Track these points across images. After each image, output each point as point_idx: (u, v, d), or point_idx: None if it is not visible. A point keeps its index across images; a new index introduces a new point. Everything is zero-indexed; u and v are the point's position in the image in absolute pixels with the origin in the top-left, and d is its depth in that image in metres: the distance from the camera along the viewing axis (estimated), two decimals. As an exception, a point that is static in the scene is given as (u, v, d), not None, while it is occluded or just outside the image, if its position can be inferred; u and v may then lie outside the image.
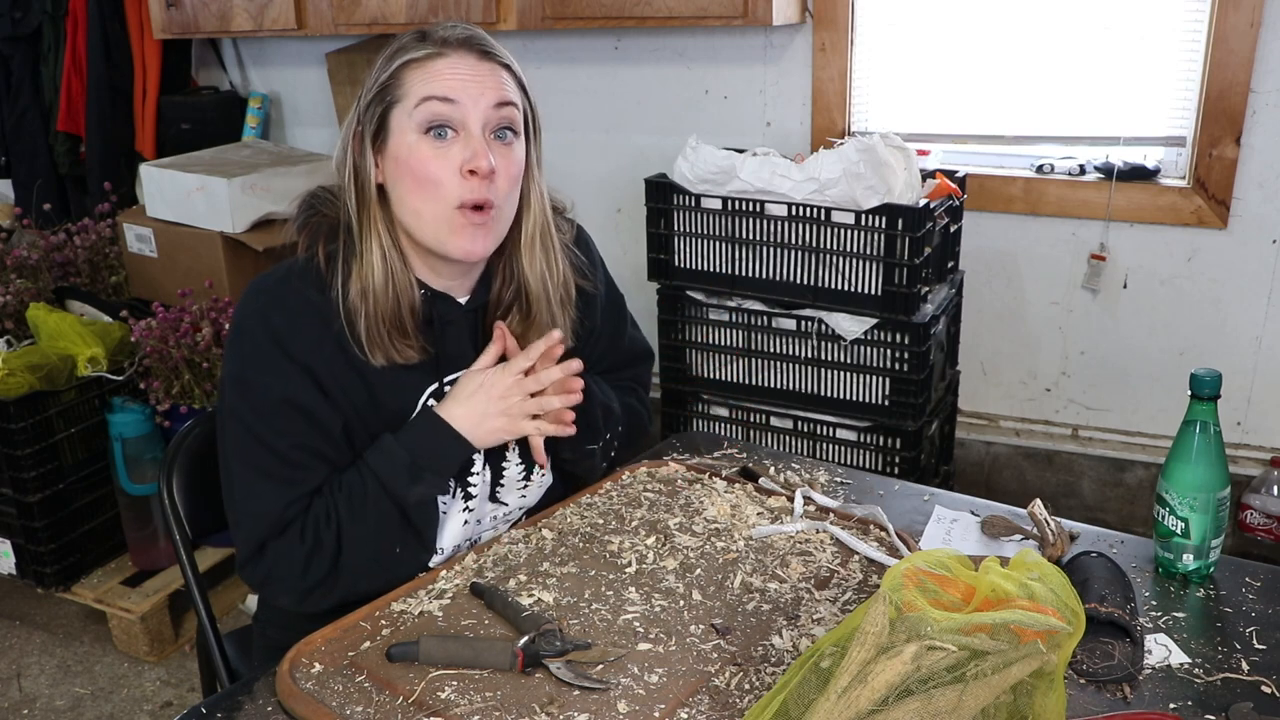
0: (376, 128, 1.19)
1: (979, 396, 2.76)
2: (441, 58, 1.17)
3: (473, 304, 1.30)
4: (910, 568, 0.90)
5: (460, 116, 1.17)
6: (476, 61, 1.18)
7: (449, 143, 1.17)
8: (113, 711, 2.28)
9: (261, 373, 1.18)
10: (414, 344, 1.23)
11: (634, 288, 2.80)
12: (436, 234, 1.19)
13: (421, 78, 1.17)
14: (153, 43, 3.28)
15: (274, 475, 1.18)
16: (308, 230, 1.24)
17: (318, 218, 1.24)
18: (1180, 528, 1.20)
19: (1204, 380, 1.17)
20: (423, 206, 1.18)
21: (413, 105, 1.16)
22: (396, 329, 1.21)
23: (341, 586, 1.20)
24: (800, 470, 1.52)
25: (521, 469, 1.36)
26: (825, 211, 2.12)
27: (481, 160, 1.16)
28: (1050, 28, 2.46)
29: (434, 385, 1.27)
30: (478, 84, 1.17)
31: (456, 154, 1.17)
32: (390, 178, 1.20)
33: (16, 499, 2.41)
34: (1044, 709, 0.86)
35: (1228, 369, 2.29)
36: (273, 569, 1.19)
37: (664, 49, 2.83)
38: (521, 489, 1.38)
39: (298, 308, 1.19)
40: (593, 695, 0.99)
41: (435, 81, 1.16)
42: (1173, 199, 2.41)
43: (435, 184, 1.17)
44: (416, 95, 1.16)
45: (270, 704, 1.02)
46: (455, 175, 1.17)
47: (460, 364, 1.29)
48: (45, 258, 2.72)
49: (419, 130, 1.17)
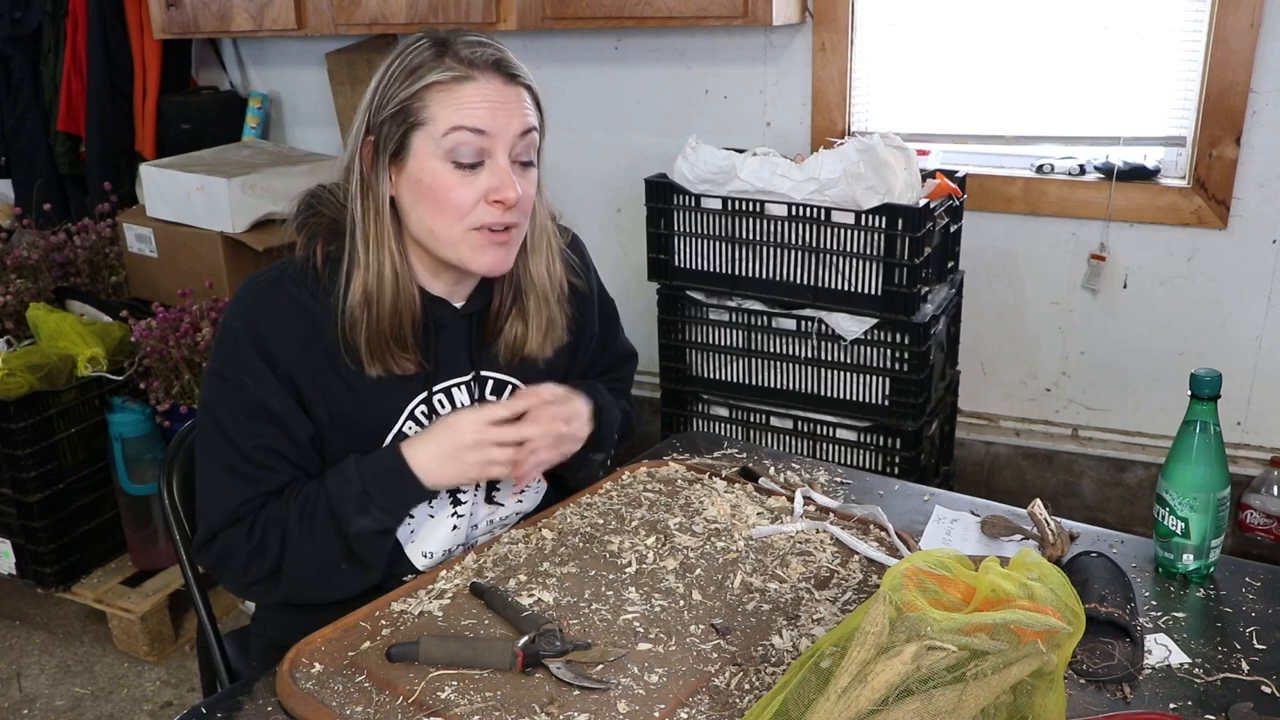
0: (397, 147, 1.17)
1: (979, 396, 2.76)
2: (470, 82, 1.14)
3: (469, 309, 1.29)
4: (910, 568, 0.90)
5: (489, 146, 1.15)
6: (503, 86, 1.16)
7: (477, 173, 1.16)
8: (113, 711, 2.28)
9: (240, 373, 1.19)
10: (412, 357, 1.23)
11: (634, 288, 2.81)
12: (457, 252, 1.19)
13: (449, 103, 1.14)
14: (153, 43, 3.28)
15: (236, 472, 1.19)
16: (307, 229, 1.23)
17: (318, 217, 1.24)
18: (1180, 528, 1.20)
19: (1204, 380, 1.17)
20: (438, 227, 1.18)
21: (440, 133, 1.14)
22: (396, 341, 1.21)
23: (284, 588, 1.22)
24: (800, 470, 1.52)
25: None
26: (825, 211, 2.12)
27: (509, 192, 1.16)
28: (1050, 28, 2.46)
29: (423, 394, 1.27)
30: (506, 113, 1.15)
31: (483, 183, 1.16)
32: (406, 195, 1.19)
33: (16, 499, 2.41)
34: (1044, 709, 0.86)
35: (1228, 369, 2.29)
36: (219, 558, 1.22)
37: (664, 49, 2.83)
38: (518, 492, 1.38)
39: (288, 311, 1.19)
40: (593, 695, 0.99)
41: (465, 110, 1.14)
42: (1173, 199, 2.41)
43: (458, 209, 1.16)
44: (445, 123, 1.14)
45: (270, 704, 1.02)
46: (477, 202, 1.16)
47: (453, 372, 1.29)
48: (45, 258, 2.72)
49: (445, 159, 1.15)
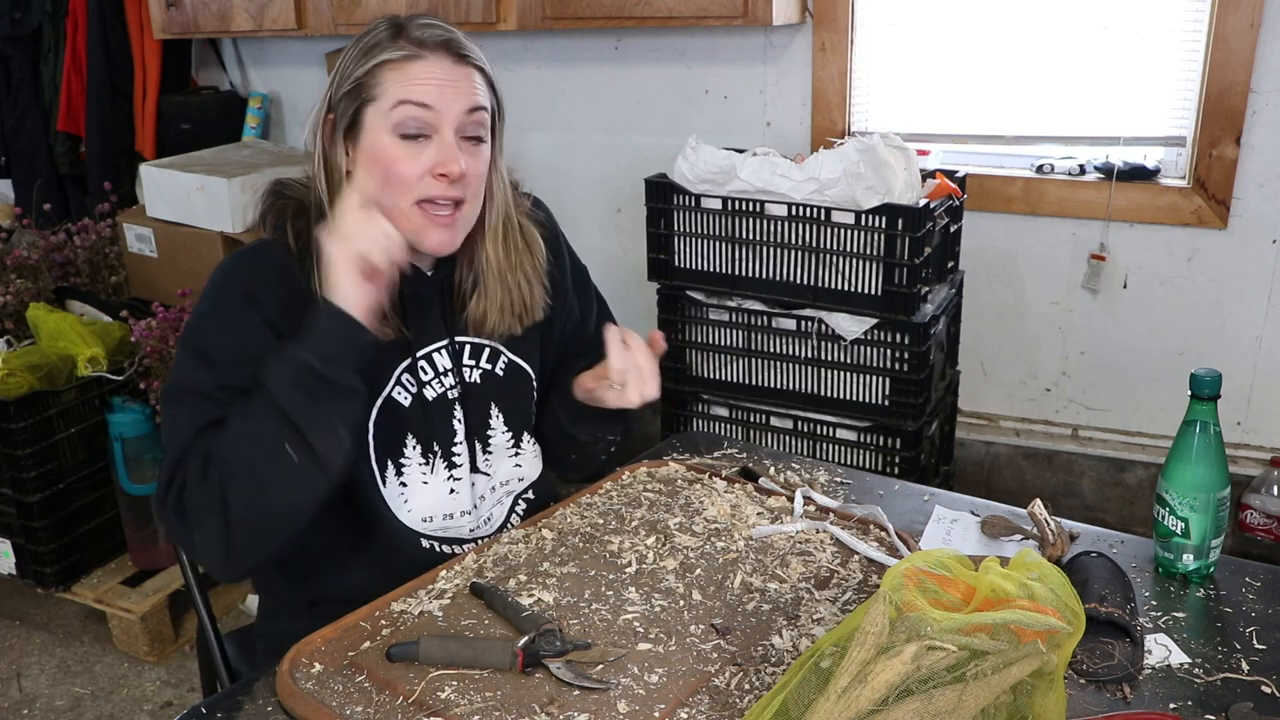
0: (350, 121, 1.22)
1: (979, 396, 2.76)
2: (419, 60, 1.20)
3: (439, 274, 1.33)
4: (910, 568, 0.90)
5: (434, 121, 1.20)
6: (453, 66, 1.21)
7: (421, 145, 1.20)
8: (113, 711, 2.28)
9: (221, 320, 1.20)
10: (391, 324, 1.25)
11: (634, 288, 2.81)
12: (406, 228, 1.21)
13: (398, 79, 1.19)
14: (153, 43, 3.28)
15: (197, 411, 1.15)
16: (274, 212, 1.26)
17: (283, 200, 1.27)
18: (1180, 528, 1.20)
19: (1204, 380, 1.17)
20: (386, 200, 1.21)
21: (388, 107, 1.19)
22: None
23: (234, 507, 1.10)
24: (800, 470, 1.52)
25: (510, 436, 1.38)
26: (825, 211, 2.12)
27: (453, 165, 1.19)
28: (1050, 28, 2.46)
29: (407, 360, 1.29)
30: (453, 89, 1.20)
31: (428, 157, 1.20)
32: (360, 169, 1.23)
33: (16, 499, 2.41)
34: (1044, 709, 0.86)
35: (1228, 369, 2.28)
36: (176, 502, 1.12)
37: (664, 49, 2.83)
38: (513, 456, 1.39)
39: (272, 270, 1.22)
40: (593, 695, 0.99)
41: (412, 85, 1.19)
42: (1173, 199, 2.41)
43: (403, 182, 1.20)
44: (393, 98, 1.19)
45: (270, 704, 1.02)
46: (424, 175, 1.20)
47: (431, 338, 1.31)
48: (45, 258, 2.72)
49: (392, 132, 1.20)
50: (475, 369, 1.36)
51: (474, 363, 1.36)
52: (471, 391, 1.35)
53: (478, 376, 1.36)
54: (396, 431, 1.29)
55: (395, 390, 1.29)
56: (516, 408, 1.40)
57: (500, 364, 1.38)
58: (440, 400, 1.32)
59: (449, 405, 1.33)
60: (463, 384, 1.34)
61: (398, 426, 1.29)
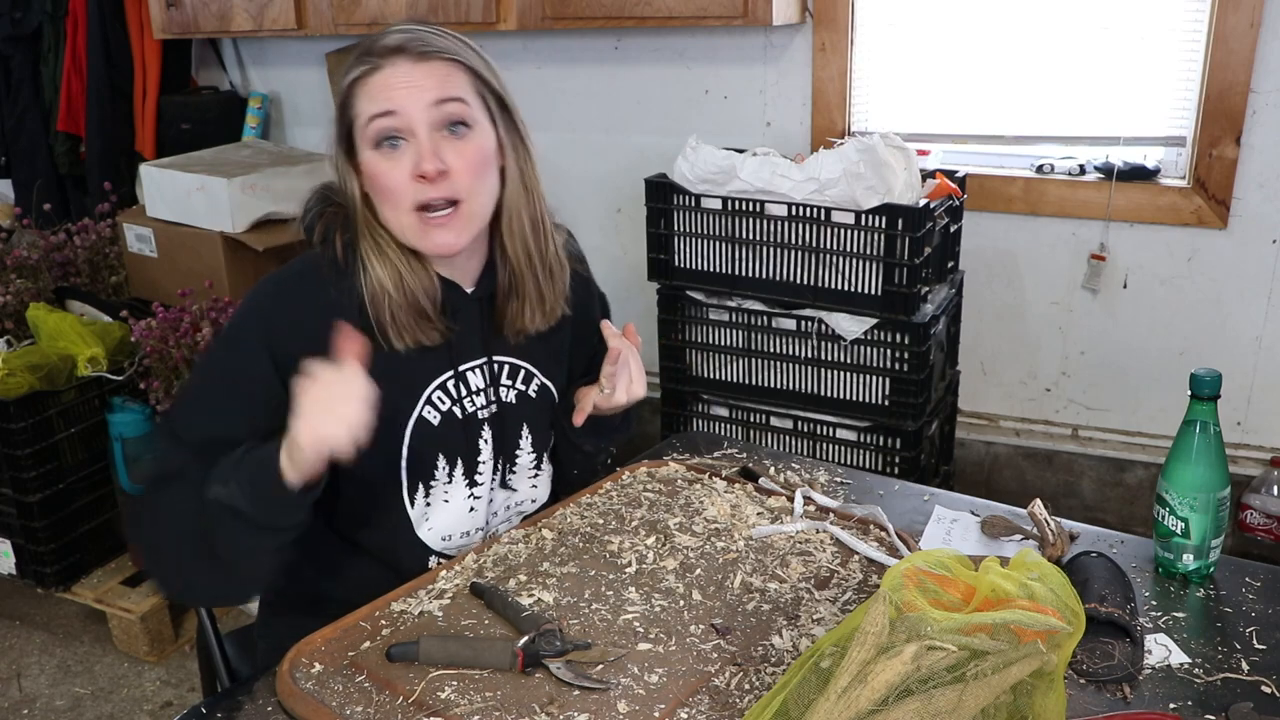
0: (347, 145, 1.23)
1: (979, 396, 2.76)
2: (379, 71, 1.19)
3: (479, 293, 1.31)
4: (910, 568, 0.90)
5: (405, 125, 1.18)
6: (412, 66, 1.19)
7: (400, 152, 1.19)
8: (113, 711, 2.28)
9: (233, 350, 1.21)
10: (438, 326, 1.25)
11: (634, 288, 2.81)
12: (411, 239, 1.22)
13: (364, 94, 1.19)
14: (153, 43, 3.28)
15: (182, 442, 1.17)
16: (324, 219, 1.25)
17: (333, 208, 1.26)
18: (1180, 528, 1.20)
19: (1204, 380, 1.17)
20: (389, 216, 1.21)
21: (364, 124, 1.19)
22: (418, 313, 1.24)
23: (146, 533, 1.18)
24: (800, 470, 1.52)
25: (534, 458, 1.38)
26: (825, 211, 2.12)
27: (427, 164, 1.18)
28: (1050, 28, 2.46)
29: (449, 373, 1.29)
30: (415, 89, 1.19)
31: (408, 161, 1.19)
32: (366, 188, 1.23)
33: (16, 499, 2.41)
34: (1044, 709, 0.86)
35: (1228, 369, 2.28)
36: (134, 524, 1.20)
37: (664, 49, 2.83)
38: (533, 478, 1.40)
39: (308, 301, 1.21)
40: (593, 695, 0.99)
41: (376, 98, 1.19)
42: (1173, 199, 2.41)
43: (393, 192, 1.19)
44: (365, 114, 1.19)
45: (270, 704, 1.02)
46: (410, 181, 1.19)
47: (471, 355, 1.31)
48: (45, 258, 2.72)
49: (372, 146, 1.20)
50: (511, 389, 1.35)
51: (510, 383, 1.35)
52: (506, 411, 1.34)
53: (513, 397, 1.35)
54: (428, 452, 1.28)
55: (425, 409, 1.28)
56: (543, 430, 1.39)
57: (534, 386, 1.37)
58: (470, 419, 1.31)
59: (479, 424, 1.32)
60: (499, 403, 1.33)
61: (429, 446, 1.28)
